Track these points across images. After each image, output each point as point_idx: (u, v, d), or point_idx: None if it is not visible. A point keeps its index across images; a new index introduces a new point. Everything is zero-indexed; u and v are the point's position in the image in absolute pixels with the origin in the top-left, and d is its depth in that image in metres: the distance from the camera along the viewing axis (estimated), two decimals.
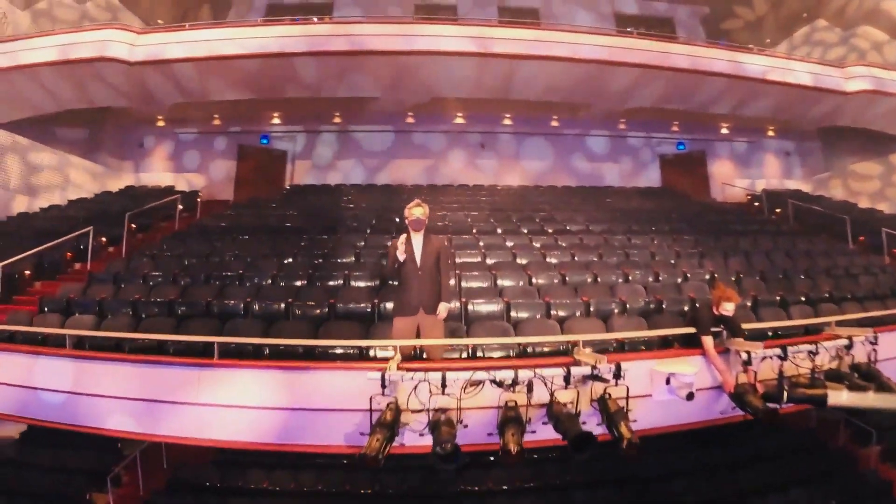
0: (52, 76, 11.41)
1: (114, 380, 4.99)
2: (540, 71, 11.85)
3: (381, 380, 3.82)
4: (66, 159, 14.26)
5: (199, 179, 15.87)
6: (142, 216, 12.09)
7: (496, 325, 5.86)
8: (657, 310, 6.59)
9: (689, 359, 4.61)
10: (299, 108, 14.51)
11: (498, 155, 16.36)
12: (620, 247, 9.41)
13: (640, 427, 4.21)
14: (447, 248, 5.13)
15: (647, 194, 15.15)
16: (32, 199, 13.32)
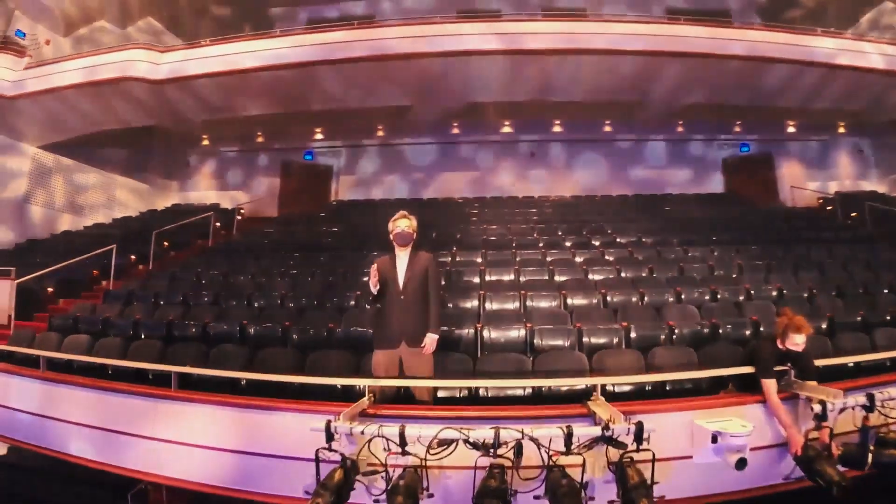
0: (81, 98, 11.48)
1: (75, 405, 4.72)
2: (579, 67, 10.76)
3: (327, 431, 2.99)
4: (112, 179, 14.53)
5: (244, 196, 15.84)
6: (178, 233, 12.02)
7: (509, 359, 4.88)
8: (711, 336, 5.40)
9: (744, 409, 3.51)
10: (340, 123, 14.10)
11: (549, 165, 15.48)
12: (675, 260, 8.24)
13: (674, 497, 3.23)
14: (435, 266, 4.28)
15: (709, 201, 13.76)
16: (78, 218, 13.55)
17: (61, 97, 11.32)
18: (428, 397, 3.98)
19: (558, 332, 5.51)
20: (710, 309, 6.08)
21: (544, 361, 4.79)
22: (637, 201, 13.78)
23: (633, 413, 3.24)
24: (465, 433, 2.75)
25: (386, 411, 3.48)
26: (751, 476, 3.31)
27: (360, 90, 11.58)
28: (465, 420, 3.18)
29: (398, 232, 4.22)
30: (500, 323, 5.74)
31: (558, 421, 3.07)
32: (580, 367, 4.67)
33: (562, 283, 7.33)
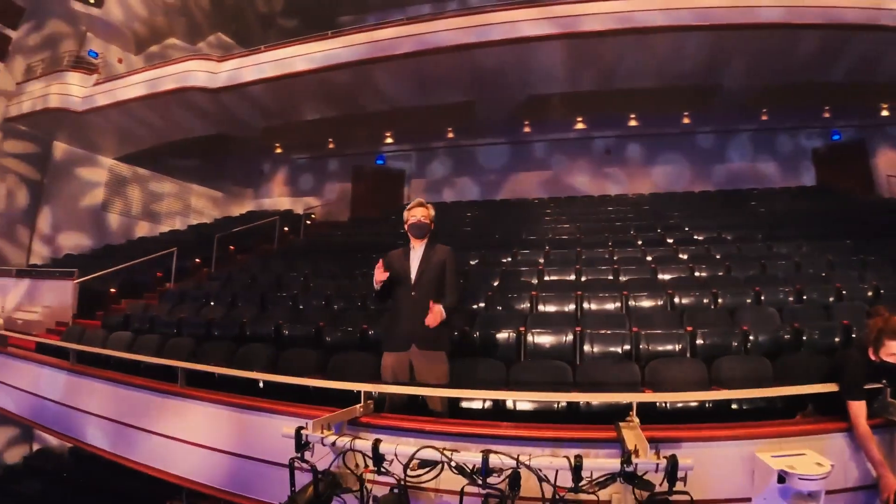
0: (146, 110, 11.95)
1: (95, 396, 4.72)
2: (642, 49, 9.78)
3: (297, 440, 2.56)
4: (187, 187, 15.14)
5: (316, 202, 15.97)
6: (244, 237, 12.25)
7: (548, 367, 4.26)
8: (793, 343, 4.50)
9: (824, 440, 2.67)
10: (408, 126, 13.91)
11: (626, 162, 14.53)
12: (756, 256, 7.24)
13: None
14: (454, 260, 3.75)
15: (799, 195, 12.30)
16: (154, 225, 14.16)
17: (127, 110, 11.85)
18: (441, 408, 3.44)
19: (612, 337, 4.85)
20: (794, 311, 5.16)
21: (588, 371, 4.16)
22: (720, 197, 12.58)
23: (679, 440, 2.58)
24: (448, 455, 2.21)
25: (380, 421, 3.00)
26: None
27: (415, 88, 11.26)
28: (451, 437, 2.64)
29: (413, 222, 3.74)
30: (547, 326, 5.13)
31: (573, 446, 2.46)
32: (629, 380, 3.99)
33: (625, 283, 6.59)
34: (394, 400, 3.48)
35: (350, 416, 2.97)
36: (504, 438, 2.66)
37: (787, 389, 3.01)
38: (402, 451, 2.31)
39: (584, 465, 2.13)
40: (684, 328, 4.87)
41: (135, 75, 11.91)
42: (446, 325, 3.60)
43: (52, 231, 12.79)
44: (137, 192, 13.97)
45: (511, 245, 8.99)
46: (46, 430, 5.34)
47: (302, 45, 11.01)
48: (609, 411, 3.49)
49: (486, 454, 2.15)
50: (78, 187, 13.22)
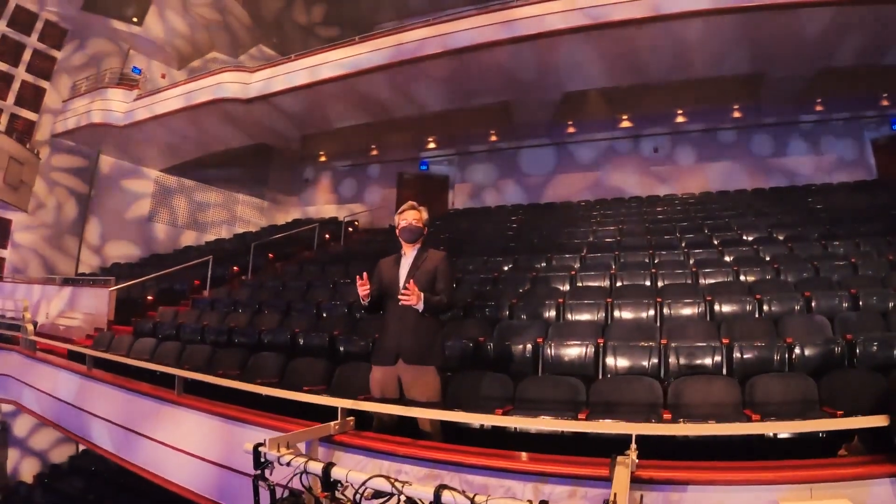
0: (183, 123, 12.24)
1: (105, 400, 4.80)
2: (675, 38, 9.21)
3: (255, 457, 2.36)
4: (233, 197, 15.46)
5: (360, 208, 15.98)
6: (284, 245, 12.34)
7: (561, 384, 3.89)
8: (842, 358, 3.94)
9: (866, 487, 2.12)
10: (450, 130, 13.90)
11: (675, 161, 13.87)
12: (809, 257, 6.61)
13: None
14: (448, 265, 3.46)
15: (858, 189, 11.31)
16: (201, 234, 14.52)
17: (165, 123, 12.18)
18: (431, 428, 3.14)
19: (638, 350, 4.43)
20: (847, 320, 4.56)
21: (604, 389, 3.79)
22: (773, 194, 11.78)
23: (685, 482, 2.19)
24: (399, 488, 1.93)
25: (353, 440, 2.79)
26: None
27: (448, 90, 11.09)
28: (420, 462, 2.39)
29: (404, 226, 3.51)
30: (570, 337, 4.75)
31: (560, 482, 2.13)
32: (649, 400, 3.59)
33: (662, 288, 6.12)
34: (381, 418, 3.23)
35: (324, 434, 2.77)
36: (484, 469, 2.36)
37: (825, 424, 2.58)
38: (353, 479, 2.05)
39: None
40: (720, 340, 4.39)
41: (172, 89, 12.22)
42: (437, 336, 3.34)
43: (100, 241, 13.32)
44: (183, 203, 14.40)
45: (548, 250, 8.64)
46: (64, 432, 5.46)
47: (331, 51, 11.03)
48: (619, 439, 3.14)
49: (439, 490, 1.85)
50: (124, 199, 13.73)
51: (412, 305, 3.14)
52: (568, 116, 13.00)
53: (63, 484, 9.07)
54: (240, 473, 3.28)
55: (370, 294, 3.30)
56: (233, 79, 11.54)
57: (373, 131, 13.35)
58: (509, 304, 5.95)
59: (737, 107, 12.33)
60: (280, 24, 16.62)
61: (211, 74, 11.92)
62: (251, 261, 10.67)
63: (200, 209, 14.75)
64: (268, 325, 6.50)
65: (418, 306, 3.16)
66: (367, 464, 2.54)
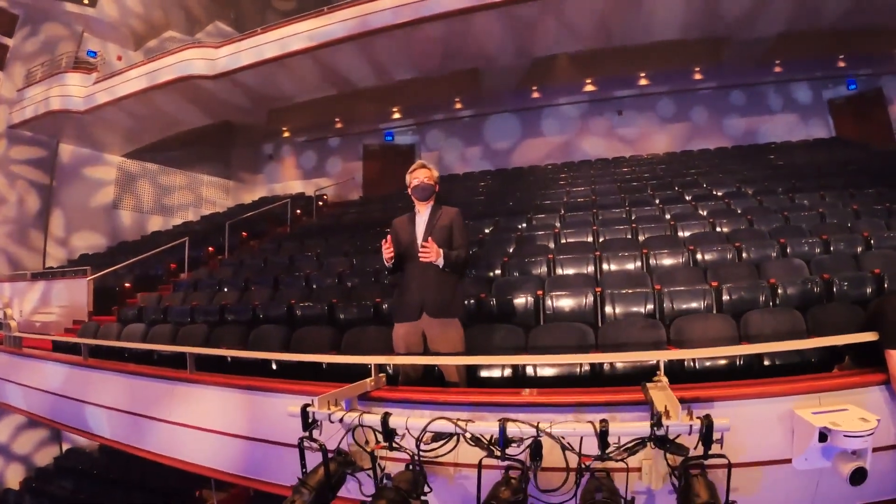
0: (148, 103, 11.83)
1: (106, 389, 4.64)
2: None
3: (303, 418, 2.43)
4: (197, 178, 15.12)
5: (328, 182, 15.81)
6: (257, 223, 12.20)
7: (568, 330, 4.07)
8: (825, 295, 4.27)
9: (866, 393, 2.45)
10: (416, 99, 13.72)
11: (638, 122, 14.22)
12: (778, 209, 6.98)
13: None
14: (462, 221, 3.57)
15: (817, 147, 11.90)
16: (167, 218, 14.21)
17: (128, 105, 11.76)
18: (458, 378, 3.29)
19: (634, 296, 4.65)
20: (822, 262, 4.91)
21: (611, 333, 3.97)
22: (736, 153, 12.27)
23: (711, 399, 2.40)
24: (462, 426, 2.06)
25: (392, 395, 2.87)
26: (873, 488, 2.31)
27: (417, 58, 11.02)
28: (466, 407, 2.49)
29: (416, 184, 3.56)
30: (566, 289, 4.95)
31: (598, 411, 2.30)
32: (654, 339, 3.80)
33: (645, 241, 6.37)
34: (407, 372, 3.35)
35: (360, 391, 2.83)
36: (523, 406, 2.49)
37: (823, 340, 2.78)
38: (413, 425, 2.16)
39: (610, 431, 1.96)
40: (709, 284, 4.66)
41: (133, 70, 11.76)
42: (458, 289, 3.44)
43: (66, 233, 12.84)
44: (148, 188, 14.00)
45: (525, 211, 8.83)
46: (64, 427, 5.32)
47: (298, 23, 10.78)
48: (635, 373, 3.33)
49: (504, 423, 1.99)
50: (87, 187, 13.23)
51: (432, 261, 3.23)
52: (534, 82, 13.07)
53: (52, 486, 8.97)
54: (268, 443, 3.32)
55: (394, 255, 3.35)
56: (197, 55, 11.19)
57: (337, 103, 13.14)
58: (501, 263, 6.11)
59: (698, 69, 12.65)
60: None
61: (174, 52, 11.51)
62: (227, 240, 10.55)
63: (165, 193, 14.38)
64: (259, 300, 6.50)
65: (438, 262, 3.25)
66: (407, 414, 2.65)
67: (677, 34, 10.55)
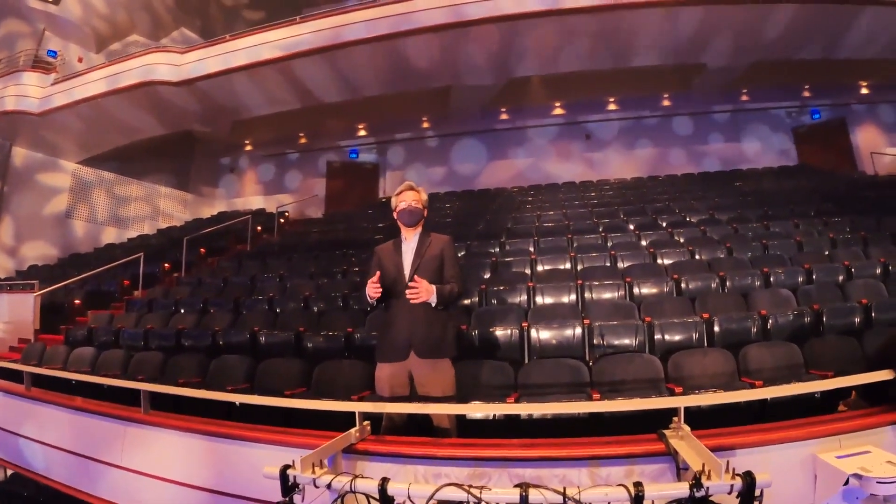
0: (108, 108, 11.27)
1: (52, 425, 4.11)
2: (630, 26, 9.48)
3: (282, 482, 2.10)
4: (155, 190, 14.44)
5: (289, 199, 15.37)
6: (216, 239, 11.68)
7: (561, 366, 3.83)
8: (815, 325, 4.20)
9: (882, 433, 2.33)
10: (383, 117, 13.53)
11: (607, 147, 14.35)
12: (755, 237, 6.99)
13: None
14: (453, 249, 3.29)
15: (782, 174, 12.17)
16: (122, 230, 13.48)
17: (87, 109, 11.17)
18: (449, 423, 2.97)
19: (623, 328, 4.48)
20: (808, 293, 4.87)
21: (606, 368, 3.77)
22: (704, 179, 12.44)
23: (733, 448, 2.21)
24: (476, 495, 1.78)
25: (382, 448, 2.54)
26: None
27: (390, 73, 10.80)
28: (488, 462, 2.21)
29: (403, 208, 3.23)
30: (552, 320, 4.74)
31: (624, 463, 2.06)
32: (652, 375, 3.63)
33: (626, 269, 6.24)
34: (392, 417, 3.00)
35: (345, 444, 2.50)
36: (534, 461, 2.24)
37: (844, 381, 2.62)
38: (416, 493, 1.86)
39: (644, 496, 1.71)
40: (699, 315, 4.52)
41: (94, 72, 11.20)
42: (449, 325, 3.13)
43: (16, 242, 11.95)
44: (103, 197, 13.22)
45: (497, 235, 8.63)
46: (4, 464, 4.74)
47: (269, 31, 10.49)
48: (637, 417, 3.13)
49: (526, 491, 1.71)
50: (40, 194, 12.37)
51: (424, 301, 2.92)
52: (503, 104, 13.05)
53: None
54: (239, 498, 2.90)
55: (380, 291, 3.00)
56: (162, 60, 10.74)
57: (302, 118, 12.81)
58: (478, 290, 5.86)
59: (667, 95, 12.86)
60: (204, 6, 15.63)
61: (138, 55, 11.03)
62: (184, 257, 10.00)
63: (121, 204, 13.61)
64: (220, 325, 6.07)
65: (431, 300, 2.95)
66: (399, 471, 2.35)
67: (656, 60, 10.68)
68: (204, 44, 11.20)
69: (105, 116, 11.43)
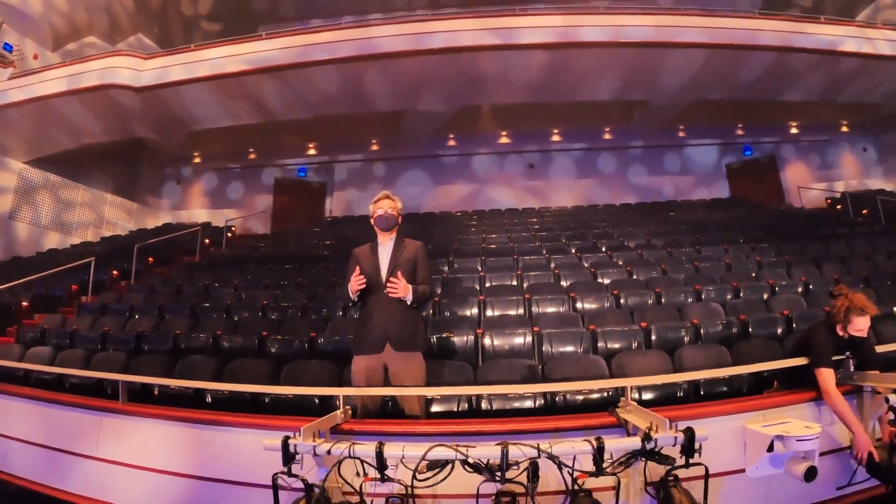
0: (65, 108, 11.06)
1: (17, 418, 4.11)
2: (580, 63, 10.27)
3: (284, 451, 2.35)
4: (101, 197, 14.06)
5: (236, 214, 15.29)
6: (163, 249, 11.53)
7: (516, 366, 4.23)
8: (742, 333, 4.79)
9: (799, 408, 2.91)
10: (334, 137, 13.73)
11: (548, 176, 15.17)
12: (688, 260, 7.64)
13: None
14: (425, 254, 3.65)
15: (716, 205, 13.31)
16: (65, 236, 13.07)
17: (45, 108, 10.92)
18: (420, 411, 3.29)
19: (569, 335, 4.90)
20: (735, 306, 5.50)
21: (556, 367, 4.16)
22: (641, 209, 13.34)
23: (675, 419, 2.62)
24: (464, 452, 2.11)
25: (365, 427, 2.83)
26: (811, 488, 2.67)
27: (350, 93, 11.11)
28: (465, 436, 2.53)
29: (381, 214, 3.60)
30: (503, 329, 5.12)
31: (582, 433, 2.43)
32: (599, 373, 4.04)
33: (570, 286, 6.72)
34: (367, 405, 3.29)
35: (331, 424, 2.76)
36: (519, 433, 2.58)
37: (770, 365, 3.28)
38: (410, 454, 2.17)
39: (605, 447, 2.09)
40: (638, 325, 5.01)
41: (54, 70, 10.95)
42: (421, 322, 3.49)
43: None
44: (48, 200, 12.69)
45: (445, 254, 8.97)
46: None
47: (235, 45, 10.62)
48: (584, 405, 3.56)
49: (505, 447, 2.06)
50: None
51: (401, 297, 3.26)
52: (452, 130, 13.53)
53: None
54: (219, 482, 3.09)
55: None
56: (125, 63, 10.62)
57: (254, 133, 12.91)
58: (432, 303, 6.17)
59: (608, 129, 13.71)
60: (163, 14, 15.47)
61: (100, 57, 10.85)
62: (134, 265, 9.86)
63: (66, 208, 13.11)
64: (180, 329, 6.13)
65: (407, 298, 3.29)
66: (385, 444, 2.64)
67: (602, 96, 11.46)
68: (167, 52, 11.18)
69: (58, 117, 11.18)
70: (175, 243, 12.06)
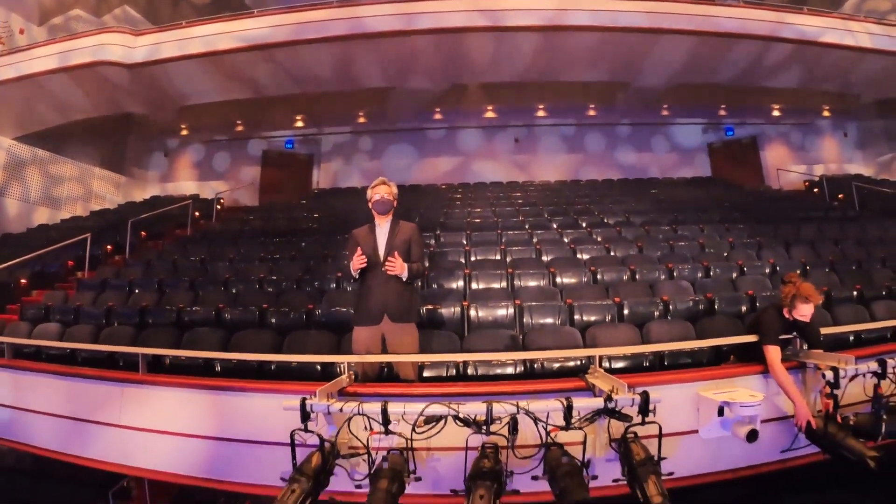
0: (55, 85, 11.08)
1: (40, 393, 4.39)
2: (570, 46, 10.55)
3: (302, 410, 2.74)
4: (89, 171, 14.13)
5: (224, 186, 15.41)
6: (155, 223, 11.71)
7: (499, 335, 4.67)
8: (708, 311, 5.25)
9: (747, 380, 3.36)
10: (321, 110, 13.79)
11: (534, 151, 15.42)
12: (664, 238, 8.08)
13: (681, 475, 3.04)
14: (419, 236, 4.02)
15: (695, 184, 13.72)
16: (55, 211, 13.17)
17: (35, 85, 10.93)
18: (414, 376, 3.72)
19: (548, 308, 5.32)
20: (704, 284, 5.94)
21: (536, 338, 4.59)
22: (623, 185, 13.72)
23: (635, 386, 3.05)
24: (455, 409, 2.52)
25: (368, 389, 3.23)
26: (757, 451, 3.14)
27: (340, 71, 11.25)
28: (455, 396, 2.95)
29: (377, 199, 3.93)
30: (487, 301, 5.53)
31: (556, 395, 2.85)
32: (573, 343, 4.48)
33: (550, 261, 7.13)
34: (366, 371, 3.71)
35: (339, 387, 3.16)
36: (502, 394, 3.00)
37: (721, 340, 3.79)
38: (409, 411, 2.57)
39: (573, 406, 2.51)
40: (612, 300, 5.45)
41: (44, 47, 10.90)
42: (414, 296, 3.88)
43: None
44: (37, 176, 12.75)
45: (432, 228, 9.28)
46: None
47: (226, 22, 10.66)
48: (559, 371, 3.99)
49: (490, 404, 2.47)
50: None
51: (398, 274, 3.63)
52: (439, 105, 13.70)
53: None
54: (238, 442, 3.47)
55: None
56: (116, 40, 10.61)
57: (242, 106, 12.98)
58: None
59: (593, 106, 13.99)
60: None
61: (91, 34, 10.80)
62: (129, 239, 10.09)
63: (55, 183, 13.20)
64: (182, 303, 6.44)
65: (403, 275, 3.66)
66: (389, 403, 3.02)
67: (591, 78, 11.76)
68: (159, 28, 11.17)
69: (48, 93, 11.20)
70: (166, 217, 12.23)
